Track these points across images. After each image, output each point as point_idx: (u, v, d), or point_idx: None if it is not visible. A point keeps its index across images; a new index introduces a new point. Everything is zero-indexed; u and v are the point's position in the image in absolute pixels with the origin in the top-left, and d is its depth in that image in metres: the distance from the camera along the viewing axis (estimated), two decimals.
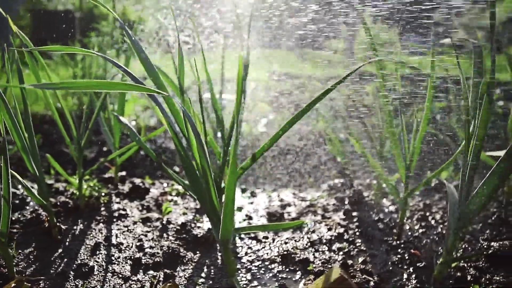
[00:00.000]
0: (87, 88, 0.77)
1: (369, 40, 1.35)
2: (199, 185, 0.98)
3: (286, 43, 2.25)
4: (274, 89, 3.02)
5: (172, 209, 1.53)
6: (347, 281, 0.94)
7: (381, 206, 1.66)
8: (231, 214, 0.82)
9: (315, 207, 1.61)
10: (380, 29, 2.78)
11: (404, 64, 1.54)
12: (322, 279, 0.97)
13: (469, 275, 1.17)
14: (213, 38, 2.02)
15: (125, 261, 1.22)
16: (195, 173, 0.99)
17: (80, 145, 1.44)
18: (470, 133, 1.05)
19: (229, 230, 0.86)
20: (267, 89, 3.12)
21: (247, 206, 1.64)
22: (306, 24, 1.57)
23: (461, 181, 1.07)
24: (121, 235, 1.35)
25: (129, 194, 1.65)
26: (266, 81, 3.17)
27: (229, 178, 0.74)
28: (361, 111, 1.66)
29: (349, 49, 2.48)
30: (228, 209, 0.80)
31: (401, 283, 1.15)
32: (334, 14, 1.48)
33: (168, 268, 1.19)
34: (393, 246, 1.33)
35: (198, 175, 0.98)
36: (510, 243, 1.27)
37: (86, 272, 1.16)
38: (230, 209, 0.80)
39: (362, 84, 1.75)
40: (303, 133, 2.46)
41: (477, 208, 1.03)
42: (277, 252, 1.28)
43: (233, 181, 0.75)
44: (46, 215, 1.36)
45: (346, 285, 0.94)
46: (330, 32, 1.58)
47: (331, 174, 2.01)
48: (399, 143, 1.33)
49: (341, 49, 2.23)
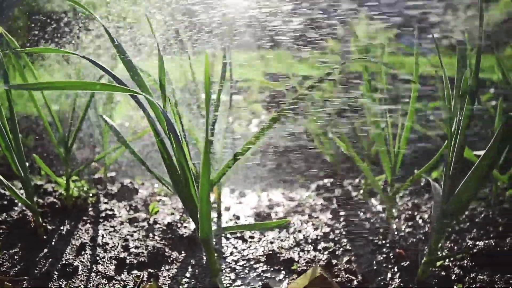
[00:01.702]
0: (62, 88, 0.77)
1: (358, 44, 1.35)
2: (181, 184, 0.98)
3: (283, 44, 2.26)
4: (268, 89, 3.02)
5: (160, 209, 1.53)
6: (327, 280, 0.94)
7: (369, 205, 1.66)
8: (207, 214, 0.82)
9: (303, 207, 1.61)
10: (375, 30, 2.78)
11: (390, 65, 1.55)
12: (303, 278, 0.97)
13: (453, 274, 1.17)
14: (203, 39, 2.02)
15: (110, 261, 1.22)
16: (176, 173, 1.00)
17: (67, 145, 1.44)
18: (452, 131, 1.06)
19: (207, 230, 0.86)
20: (261, 90, 3.12)
21: (235, 206, 1.64)
22: (303, 24, 1.58)
23: (444, 180, 1.07)
24: (107, 235, 1.35)
25: (117, 195, 1.65)
26: (261, 82, 3.18)
27: (202, 180, 0.74)
28: (351, 111, 1.66)
29: (345, 49, 2.48)
30: (203, 209, 0.80)
31: (385, 282, 1.15)
32: (331, 14, 1.48)
33: (152, 268, 1.19)
34: (379, 246, 1.33)
35: (179, 175, 0.98)
36: (495, 242, 1.27)
37: (70, 272, 1.16)
38: (206, 209, 0.80)
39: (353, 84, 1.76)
40: (296, 132, 2.47)
41: (460, 207, 1.03)
42: (262, 252, 1.28)
43: (206, 183, 0.75)
44: (33, 216, 1.37)
45: (327, 284, 0.94)
46: (328, 33, 1.58)
47: (321, 174, 2.01)
48: (385, 143, 1.33)
49: (337, 49, 2.23)
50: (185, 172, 0.90)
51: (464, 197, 1.02)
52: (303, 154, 2.21)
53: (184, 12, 1.74)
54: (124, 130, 2.45)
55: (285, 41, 1.83)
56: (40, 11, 4.64)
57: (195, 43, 1.86)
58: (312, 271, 0.96)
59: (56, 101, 2.26)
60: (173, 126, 0.84)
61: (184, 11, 1.74)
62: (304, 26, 1.55)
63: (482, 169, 0.96)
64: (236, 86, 3.07)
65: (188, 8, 1.69)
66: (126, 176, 1.97)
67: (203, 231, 0.88)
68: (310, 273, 0.96)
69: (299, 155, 2.22)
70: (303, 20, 1.51)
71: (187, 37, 1.69)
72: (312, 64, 2.39)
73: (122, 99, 2.53)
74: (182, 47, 1.95)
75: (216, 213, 1.55)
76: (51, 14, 3.07)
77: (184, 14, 1.75)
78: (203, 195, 0.76)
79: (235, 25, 1.69)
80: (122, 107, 2.43)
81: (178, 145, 0.85)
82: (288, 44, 1.87)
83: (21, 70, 1.34)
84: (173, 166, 1.01)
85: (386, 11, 1.79)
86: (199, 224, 0.86)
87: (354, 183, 1.88)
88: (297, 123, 2.48)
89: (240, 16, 1.72)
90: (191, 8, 1.69)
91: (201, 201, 0.77)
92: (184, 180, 0.91)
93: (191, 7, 1.71)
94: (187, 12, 1.71)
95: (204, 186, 0.75)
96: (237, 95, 2.80)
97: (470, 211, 1.57)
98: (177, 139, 0.84)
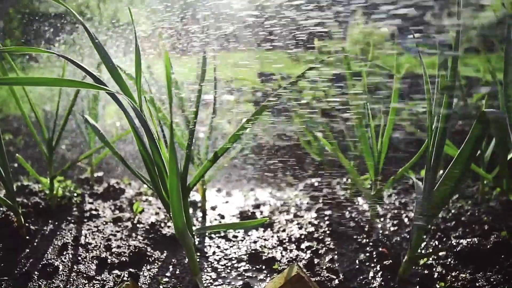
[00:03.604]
0: (33, 84, 0.77)
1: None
2: (157, 182, 0.98)
3: (279, 44, 2.25)
4: (261, 89, 3.02)
5: (145, 209, 1.53)
6: (303, 279, 0.93)
7: (354, 204, 1.65)
8: (179, 211, 0.82)
9: (288, 206, 1.61)
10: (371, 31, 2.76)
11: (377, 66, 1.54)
12: (280, 278, 0.96)
13: (436, 272, 1.17)
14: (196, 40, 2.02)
15: (91, 261, 1.21)
16: (154, 171, 0.99)
17: (51, 145, 1.44)
18: (432, 129, 1.05)
19: (180, 227, 0.86)
20: (255, 90, 3.12)
21: (221, 205, 1.63)
22: (300, 24, 1.57)
23: (425, 176, 1.07)
24: (90, 235, 1.35)
25: (103, 195, 1.65)
26: (255, 82, 3.17)
27: (170, 176, 0.74)
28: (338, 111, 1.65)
29: (341, 49, 2.47)
30: (174, 206, 0.80)
31: (367, 281, 1.14)
32: (328, 15, 1.48)
33: (133, 267, 1.18)
34: (362, 244, 1.32)
35: (155, 172, 0.97)
36: (479, 240, 1.26)
37: (50, 272, 1.15)
38: (176, 206, 0.79)
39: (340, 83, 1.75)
40: (287, 132, 2.46)
41: (439, 203, 1.03)
42: (245, 251, 1.27)
43: (175, 179, 0.74)
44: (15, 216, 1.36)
45: (303, 283, 0.93)
46: (324, 33, 1.57)
47: (310, 173, 2.01)
48: (368, 142, 1.33)
49: (333, 49, 2.23)
50: (160, 169, 0.90)
51: (444, 192, 1.01)
52: (293, 154, 2.20)
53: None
54: (115, 129, 2.44)
55: (281, 42, 1.83)
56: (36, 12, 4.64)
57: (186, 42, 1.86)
58: (288, 270, 0.96)
59: (52, 101, 2.26)
60: (147, 125, 0.83)
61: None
62: (301, 27, 1.54)
63: (460, 164, 0.96)
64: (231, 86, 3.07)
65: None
66: (114, 176, 1.97)
67: (176, 228, 0.87)
68: (286, 272, 0.95)
69: (288, 154, 2.22)
70: (300, 20, 1.51)
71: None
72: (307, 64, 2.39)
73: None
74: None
75: (201, 212, 1.55)
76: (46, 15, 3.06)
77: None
78: (173, 191, 0.76)
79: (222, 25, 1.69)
80: (108, 110, 2.42)
81: (152, 142, 0.85)
82: (283, 44, 1.87)
83: (4, 70, 1.34)
84: (152, 165, 1.00)
85: (383, 11, 1.78)
86: (173, 223, 0.86)
87: (342, 182, 1.87)
88: (288, 123, 2.48)
89: (235, 15, 1.72)
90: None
91: (171, 198, 0.77)
92: (160, 178, 0.91)
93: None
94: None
95: (172, 182, 0.74)
96: (230, 95, 2.79)
97: (457, 210, 1.56)
98: (150, 135, 0.83)
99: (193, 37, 2.02)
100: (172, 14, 2.03)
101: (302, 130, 1.78)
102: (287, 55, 2.73)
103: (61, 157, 2.26)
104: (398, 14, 1.44)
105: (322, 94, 1.72)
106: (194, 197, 1.66)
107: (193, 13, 1.84)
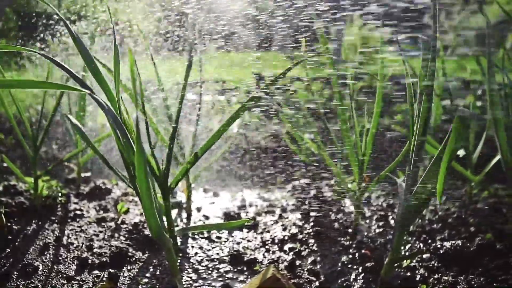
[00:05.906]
0: (9, 87, 0.76)
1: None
2: (135, 182, 0.97)
3: (276, 45, 2.25)
4: (255, 90, 3.01)
5: (131, 210, 1.52)
6: (280, 281, 0.92)
7: (340, 206, 1.64)
8: (152, 212, 0.81)
9: (274, 207, 1.60)
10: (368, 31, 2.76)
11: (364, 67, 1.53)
12: (256, 279, 0.96)
13: (418, 275, 1.16)
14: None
15: (72, 261, 1.20)
16: (131, 170, 0.98)
17: (35, 145, 1.43)
18: (413, 129, 1.05)
19: (155, 229, 0.85)
20: (248, 90, 3.11)
21: (207, 206, 1.63)
22: (296, 25, 1.57)
23: (407, 176, 1.06)
24: (73, 236, 1.34)
25: (88, 195, 1.64)
26: (249, 82, 3.17)
27: (138, 174, 0.73)
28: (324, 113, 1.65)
29: (337, 50, 2.47)
30: (146, 208, 0.79)
31: (348, 283, 1.13)
32: (325, 16, 1.47)
33: (113, 268, 1.17)
34: (346, 246, 1.31)
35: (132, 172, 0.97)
36: (463, 242, 1.25)
37: (30, 272, 1.14)
38: (148, 206, 0.79)
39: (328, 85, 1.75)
40: (278, 133, 2.46)
41: (420, 203, 1.02)
42: (227, 252, 1.26)
43: (144, 178, 0.74)
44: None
45: (279, 285, 0.92)
46: (321, 33, 1.57)
47: (299, 174, 2.00)
48: (353, 144, 1.32)
49: (329, 50, 2.22)
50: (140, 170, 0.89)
51: (424, 191, 1.01)
52: (282, 155, 2.19)
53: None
54: (106, 129, 2.43)
55: (278, 43, 1.83)
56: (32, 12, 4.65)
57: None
58: (265, 271, 0.95)
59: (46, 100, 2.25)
60: (120, 123, 0.82)
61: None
62: (298, 28, 1.54)
63: (437, 165, 0.95)
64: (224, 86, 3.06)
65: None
66: (103, 177, 1.96)
67: (151, 230, 0.86)
68: (263, 274, 0.94)
69: (277, 156, 2.21)
70: (297, 21, 1.51)
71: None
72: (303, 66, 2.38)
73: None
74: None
75: (186, 213, 1.54)
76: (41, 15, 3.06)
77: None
78: (142, 190, 0.75)
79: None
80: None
81: (126, 140, 0.84)
82: (280, 46, 1.87)
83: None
84: (130, 163, 1.00)
85: (379, 13, 1.78)
86: (148, 224, 0.85)
87: (329, 183, 1.87)
88: (277, 125, 2.47)
89: (234, 17, 1.72)
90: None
91: (142, 198, 0.76)
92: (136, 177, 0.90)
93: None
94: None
95: (141, 181, 0.73)
96: (221, 96, 2.79)
97: (444, 212, 1.55)
98: (123, 133, 0.83)
99: (184, 37, 2.02)
100: (167, 15, 2.03)
101: (290, 132, 1.78)
102: (282, 57, 2.72)
103: (53, 157, 2.25)
104: (393, 16, 1.44)
105: (311, 95, 1.71)
106: (180, 198, 1.65)
107: (186, 14, 1.84)
